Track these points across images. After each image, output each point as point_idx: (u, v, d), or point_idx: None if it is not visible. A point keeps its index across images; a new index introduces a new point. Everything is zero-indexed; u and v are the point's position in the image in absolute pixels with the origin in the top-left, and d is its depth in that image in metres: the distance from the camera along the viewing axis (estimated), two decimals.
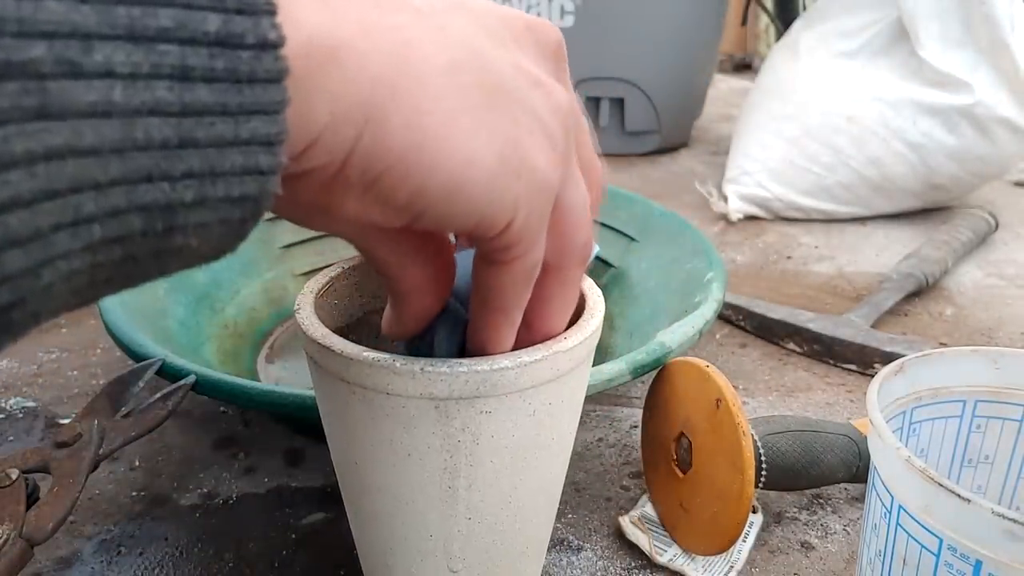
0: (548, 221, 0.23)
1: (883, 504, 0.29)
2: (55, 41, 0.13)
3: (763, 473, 0.40)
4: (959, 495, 0.25)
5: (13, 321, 0.14)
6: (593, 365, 0.37)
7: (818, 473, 0.42)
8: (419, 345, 0.28)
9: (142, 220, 0.15)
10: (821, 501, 0.45)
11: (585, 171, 0.25)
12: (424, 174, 0.20)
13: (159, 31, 0.14)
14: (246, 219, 0.17)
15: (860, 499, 0.46)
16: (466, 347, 0.27)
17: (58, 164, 0.14)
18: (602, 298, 0.31)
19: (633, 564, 0.41)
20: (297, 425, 0.51)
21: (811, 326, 0.62)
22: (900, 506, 0.27)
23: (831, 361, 0.61)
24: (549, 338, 0.27)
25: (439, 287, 0.27)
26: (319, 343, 0.27)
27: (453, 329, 0.28)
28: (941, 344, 0.64)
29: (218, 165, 0.16)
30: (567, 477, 0.35)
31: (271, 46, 0.16)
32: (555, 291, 0.26)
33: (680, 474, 0.40)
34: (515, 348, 0.27)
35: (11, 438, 0.50)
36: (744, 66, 2.00)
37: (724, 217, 0.92)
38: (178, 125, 0.15)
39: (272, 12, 0.16)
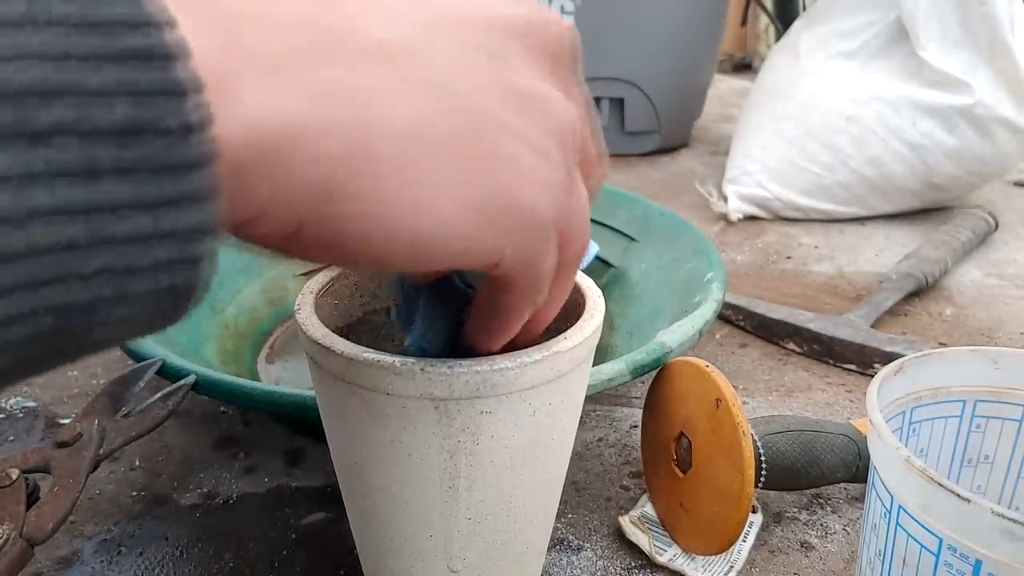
0: (553, 242, 0.22)
1: (883, 504, 0.29)
2: None
3: (763, 473, 0.40)
4: (959, 495, 0.25)
5: None
6: (593, 365, 0.37)
7: (818, 473, 0.42)
8: (412, 333, 0.28)
9: (54, 319, 0.14)
10: (821, 501, 0.45)
11: (585, 166, 0.24)
12: (387, 241, 0.19)
13: (54, 125, 0.13)
14: (178, 306, 0.16)
15: (860, 499, 0.46)
16: (462, 333, 0.27)
17: None
18: (602, 298, 0.31)
19: (633, 564, 0.41)
20: (297, 425, 0.51)
21: (811, 326, 0.62)
22: (900, 506, 0.27)
23: (831, 361, 0.61)
24: (542, 326, 0.27)
25: None
26: (319, 343, 0.27)
27: (447, 306, 0.27)
28: (941, 344, 0.64)
29: (137, 261, 0.14)
30: (567, 477, 0.35)
31: (194, 129, 0.14)
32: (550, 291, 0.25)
33: (680, 474, 0.40)
34: (514, 347, 0.27)
35: (11, 438, 0.50)
36: (744, 66, 2.00)
37: (724, 217, 0.92)
38: (87, 223, 0.14)
39: (197, 89, 0.15)
